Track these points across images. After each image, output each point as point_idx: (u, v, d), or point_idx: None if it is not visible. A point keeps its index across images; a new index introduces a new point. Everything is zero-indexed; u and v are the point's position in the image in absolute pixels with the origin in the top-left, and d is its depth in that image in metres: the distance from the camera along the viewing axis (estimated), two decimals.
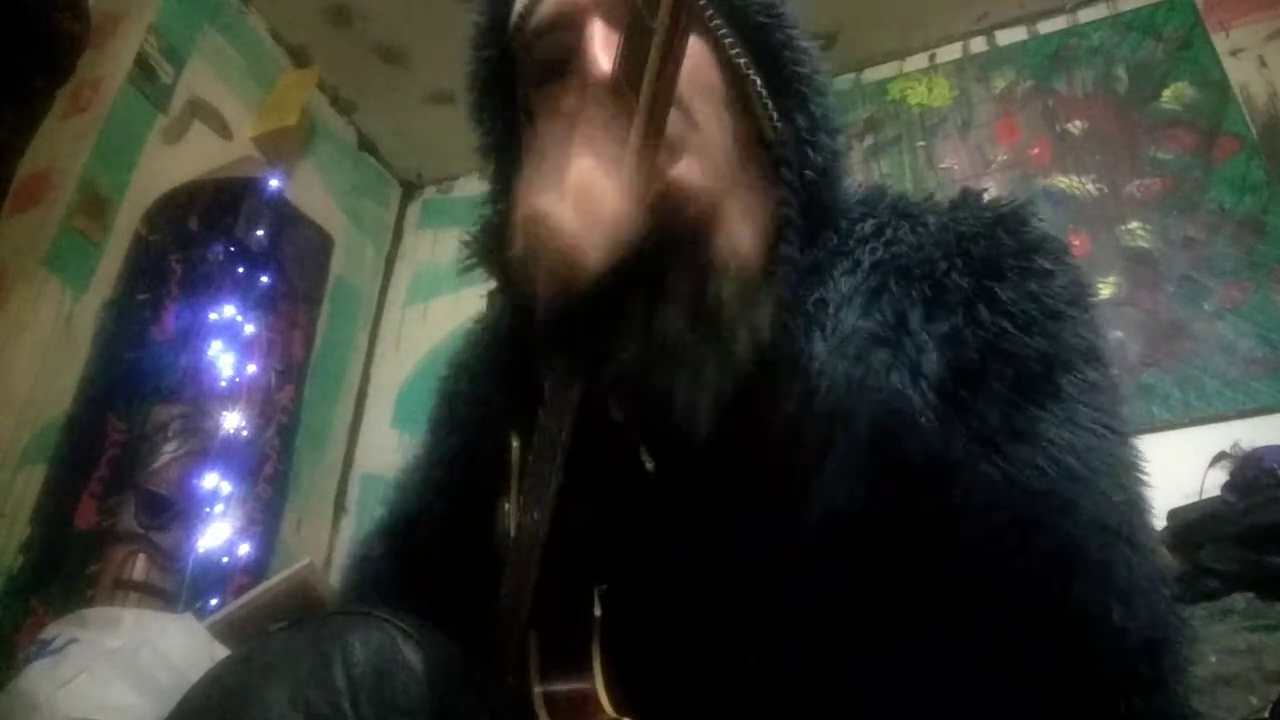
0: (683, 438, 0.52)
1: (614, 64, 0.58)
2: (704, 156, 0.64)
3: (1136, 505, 0.63)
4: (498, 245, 0.77)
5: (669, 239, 0.54)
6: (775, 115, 0.74)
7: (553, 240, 0.55)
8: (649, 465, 0.59)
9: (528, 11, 0.74)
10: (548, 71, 0.74)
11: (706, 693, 0.62)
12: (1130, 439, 0.66)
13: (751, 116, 0.74)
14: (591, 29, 0.71)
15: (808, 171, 0.74)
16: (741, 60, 0.73)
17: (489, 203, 0.84)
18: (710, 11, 0.73)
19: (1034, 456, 0.60)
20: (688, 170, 0.59)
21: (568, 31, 0.72)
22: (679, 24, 0.51)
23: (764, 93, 0.74)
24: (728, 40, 0.73)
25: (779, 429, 0.53)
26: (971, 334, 0.66)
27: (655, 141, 0.54)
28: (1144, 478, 0.65)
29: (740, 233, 0.58)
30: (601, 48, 0.69)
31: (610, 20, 0.70)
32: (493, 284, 0.88)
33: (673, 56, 0.52)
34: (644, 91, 0.53)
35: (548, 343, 0.60)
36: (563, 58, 0.72)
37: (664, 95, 0.53)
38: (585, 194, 0.54)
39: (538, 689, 0.61)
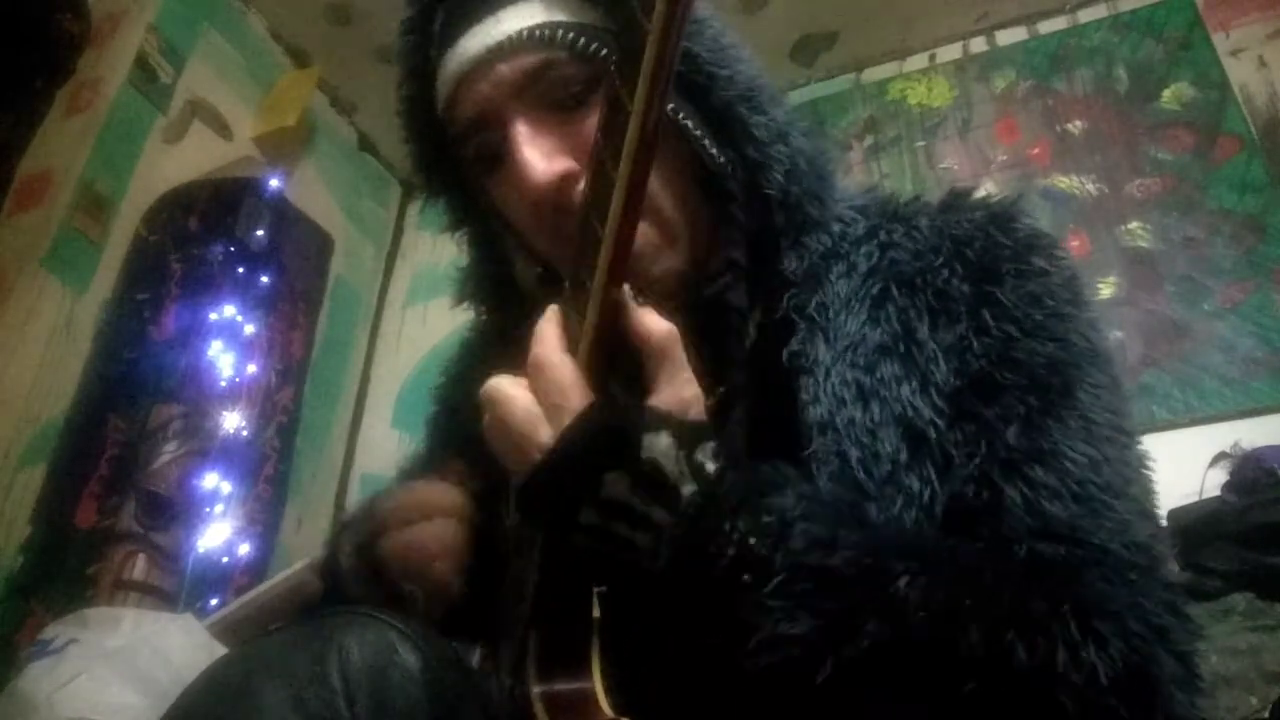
0: (642, 575, 0.56)
1: (581, 200, 0.61)
2: (650, 308, 0.63)
3: (1145, 513, 0.65)
4: (483, 285, 0.86)
5: (608, 412, 0.58)
6: (714, 149, 0.73)
7: (511, 429, 0.60)
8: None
9: (449, 109, 0.75)
10: (486, 165, 0.75)
11: (705, 694, 0.61)
12: (1137, 437, 0.68)
13: (692, 155, 0.73)
14: (515, 130, 0.71)
15: (769, 187, 0.73)
16: (670, 105, 0.70)
17: (469, 258, 0.88)
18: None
19: (1054, 479, 0.62)
20: (639, 321, 0.60)
21: (493, 131, 0.72)
22: (639, 172, 0.53)
23: (699, 134, 0.72)
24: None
25: (725, 568, 0.55)
26: (978, 342, 0.67)
27: (618, 279, 0.58)
28: (1150, 475, 0.67)
29: (678, 375, 0.59)
30: (530, 151, 0.70)
31: (531, 112, 0.71)
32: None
33: (635, 204, 0.54)
34: (606, 239, 0.55)
35: (517, 511, 0.64)
36: (496, 153, 0.73)
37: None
38: (538, 389, 0.59)
39: (537, 689, 0.61)
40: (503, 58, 0.71)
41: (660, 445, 0.56)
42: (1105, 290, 2.18)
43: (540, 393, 0.59)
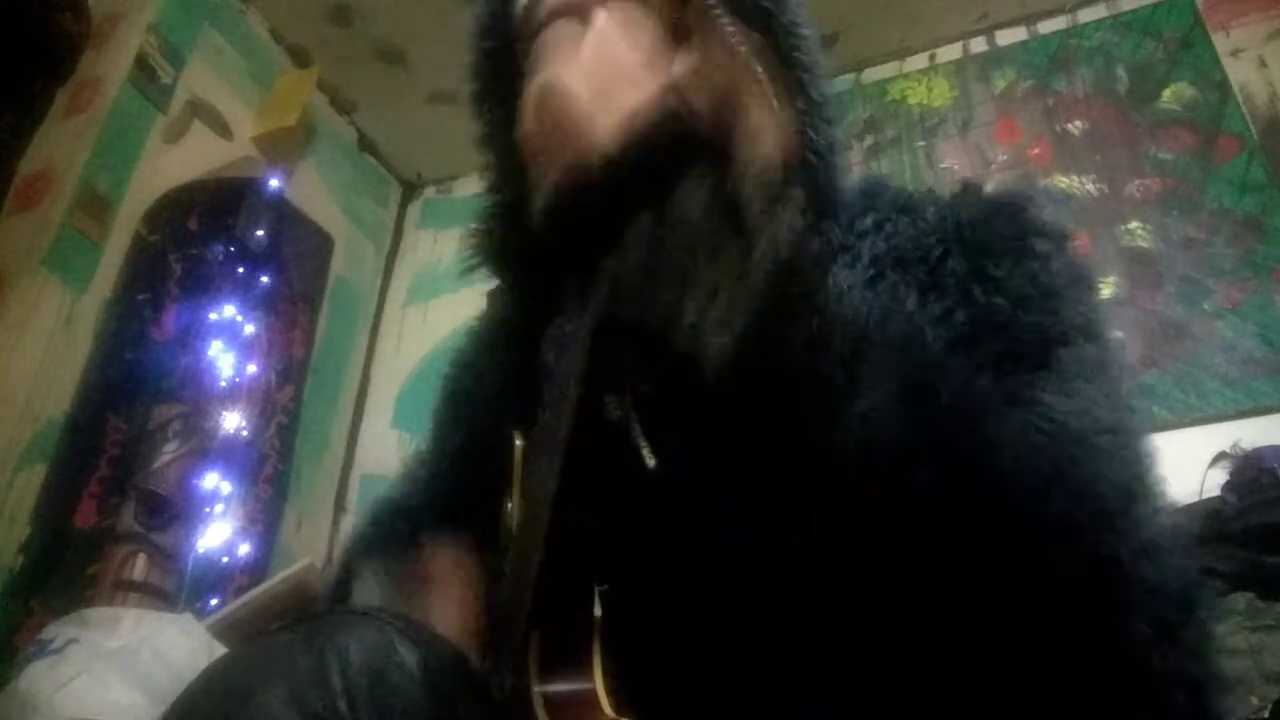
0: (686, 372, 0.46)
1: None
2: (725, 50, 0.56)
3: (1146, 466, 0.59)
4: (500, 236, 0.74)
5: (690, 123, 0.48)
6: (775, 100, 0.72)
7: (565, 112, 0.50)
8: (650, 462, 0.55)
9: (533, 2, 0.72)
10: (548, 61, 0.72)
11: (707, 694, 0.61)
12: (1135, 415, 0.63)
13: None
14: (599, 16, 0.66)
15: (810, 155, 0.72)
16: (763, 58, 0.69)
17: (489, 192, 0.81)
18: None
19: (1027, 416, 0.56)
20: (709, 55, 0.52)
21: (571, 24, 0.68)
22: None
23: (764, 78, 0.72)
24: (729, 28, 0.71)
25: (797, 362, 0.47)
26: (963, 312, 0.65)
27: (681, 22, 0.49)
28: (1148, 447, 0.61)
29: (763, 128, 0.49)
30: (609, 37, 0.63)
31: (617, 9, 0.66)
32: (494, 282, 0.88)
33: None
34: None
35: (553, 227, 0.54)
36: (562, 45, 0.68)
37: None
38: (603, 65, 0.50)
39: (537, 689, 0.61)
40: None
41: (748, 180, 0.46)
42: (1105, 290, 2.18)
43: (602, 71, 0.50)
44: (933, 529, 0.49)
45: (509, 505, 0.72)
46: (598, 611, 0.62)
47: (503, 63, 0.76)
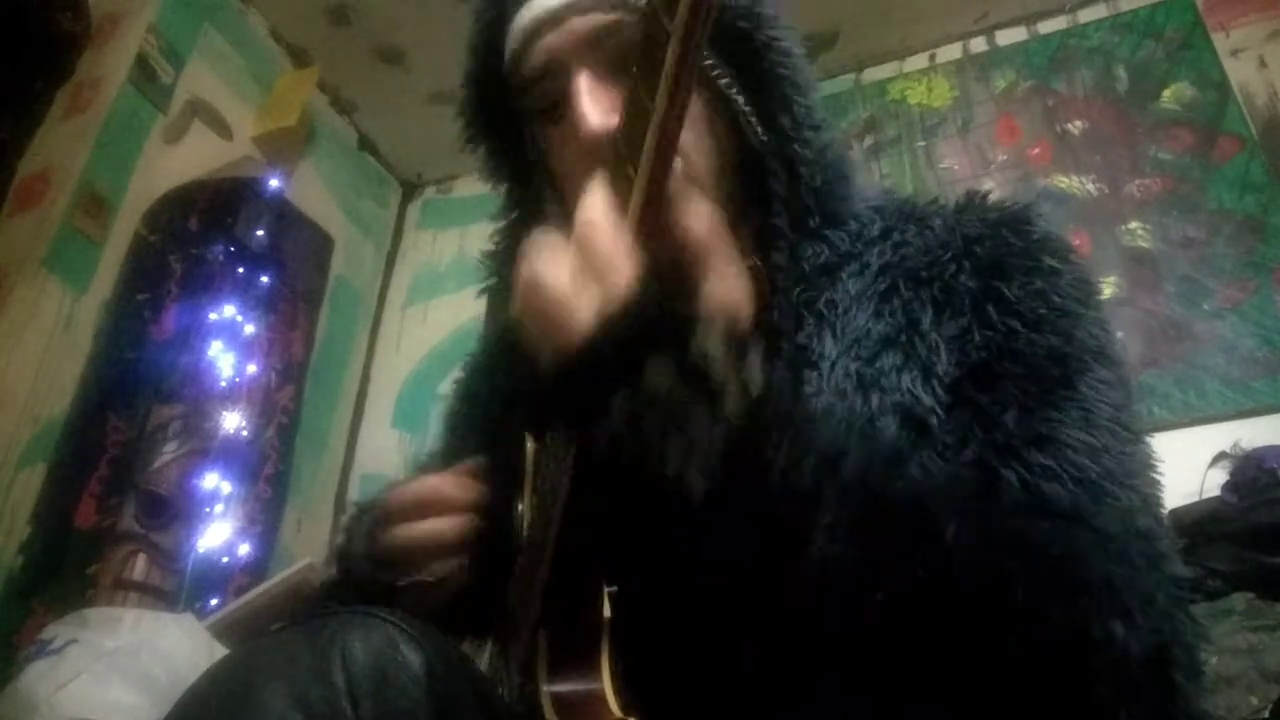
0: (677, 497, 0.52)
1: (614, 135, 0.59)
2: (693, 199, 0.62)
3: (1149, 507, 0.64)
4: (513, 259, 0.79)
5: (658, 293, 0.54)
6: (759, 125, 0.74)
7: (547, 303, 0.56)
8: (649, 515, 0.60)
9: (517, 59, 0.76)
10: (545, 115, 0.76)
11: (715, 694, 0.62)
12: (1143, 437, 0.67)
13: (736, 128, 0.74)
14: (578, 81, 0.72)
15: (802, 169, 0.75)
16: (723, 80, 0.73)
17: (503, 213, 0.87)
18: None
19: (1052, 462, 0.61)
20: (679, 219, 0.58)
21: (556, 80, 0.74)
22: (676, 105, 0.51)
23: (748, 109, 0.74)
24: (708, 61, 0.72)
25: (772, 482, 0.53)
26: (980, 334, 0.67)
27: (654, 209, 0.55)
28: (1156, 476, 0.66)
29: (723, 290, 0.56)
30: (589, 102, 0.71)
31: (595, 68, 0.72)
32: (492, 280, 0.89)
33: (670, 135, 0.52)
34: (641, 170, 0.53)
35: (542, 403, 0.61)
36: (556, 103, 0.74)
37: (660, 171, 0.53)
38: (582, 257, 0.55)
39: (546, 689, 0.61)
40: (577, 12, 0.73)
41: (711, 341, 0.52)
42: (1105, 290, 2.17)
43: (587, 257, 0.55)
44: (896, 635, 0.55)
45: (520, 507, 0.73)
46: (607, 612, 0.62)
47: (498, 102, 0.80)
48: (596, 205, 0.57)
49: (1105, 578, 0.56)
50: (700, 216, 0.57)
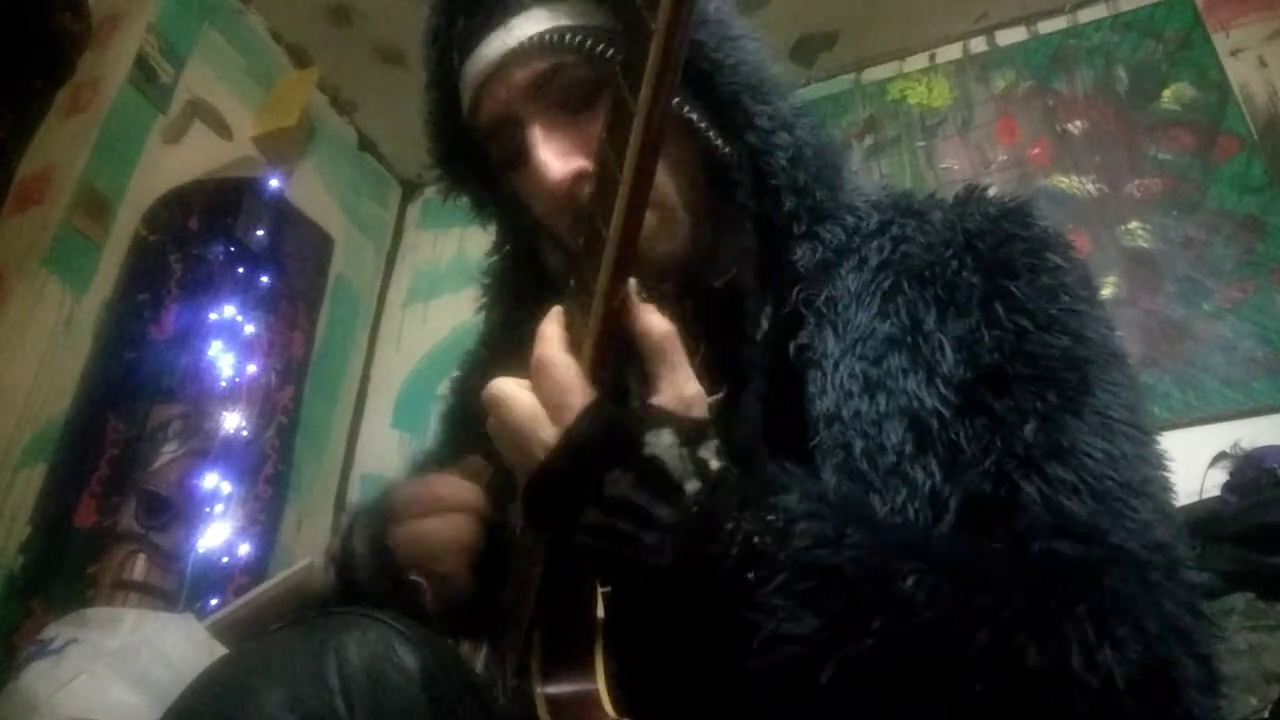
0: (646, 574, 0.56)
1: (586, 200, 0.61)
2: (650, 308, 0.63)
3: (1165, 515, 0.64)
4: (514, 286, 0.87)
5: (610, 411, 0.58)
6: (721, 142, 0.74)
7: (513, 421, 0.60)
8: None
9: (473, 112, 0.78)
10: (509, 163, 0.78)
11: (708, 695, 0.62)
12: (1155, 436, 0.68)
13: (698, 147, 0.74)
14: (532, 133, 0.74)
15: (779, 173, 0.74)
16: (683, 107, 0.72)
17: (494, 249, 0.91)
18: None
19: (1072, 476, 0.61)
20: (637, 319, 0.60)
21: (513, 131, 0.76)
22: (644, 174, 0.53)
23: (705, 127, 0.74)
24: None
25: (728, 563, 0.55)
26: (989, 334, 0.67)
27: (619, 287, 0.58)
28: (1168, 475, 0.67)
29: (676, 395, 0.59)
30: (546, 153, 0.73)
31: (546, 114, 0.74)
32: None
33: (639, 205, 0.54)
34: (610, 238, 0.55)
35: (522, 512, 0.65)
36: (517, 152, 0.76)
37: (630, 235, 0.55)
38: (540, 390, 0.59)
39: (540, 690, 0.61)
40: (516, 63, 0.74)
41: (663, 443, 0.56)
42: (1105, 290, 2.17)
43: (543, 392, 0.59)
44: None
45: (513, 507, 0.73)
46: (601, 613, 0.62)
47: (469, 150, 0.83)
48: (552, 340, 0.60)
49: (1114, 598, 0.55)
50: (656, 319, 0.60)
